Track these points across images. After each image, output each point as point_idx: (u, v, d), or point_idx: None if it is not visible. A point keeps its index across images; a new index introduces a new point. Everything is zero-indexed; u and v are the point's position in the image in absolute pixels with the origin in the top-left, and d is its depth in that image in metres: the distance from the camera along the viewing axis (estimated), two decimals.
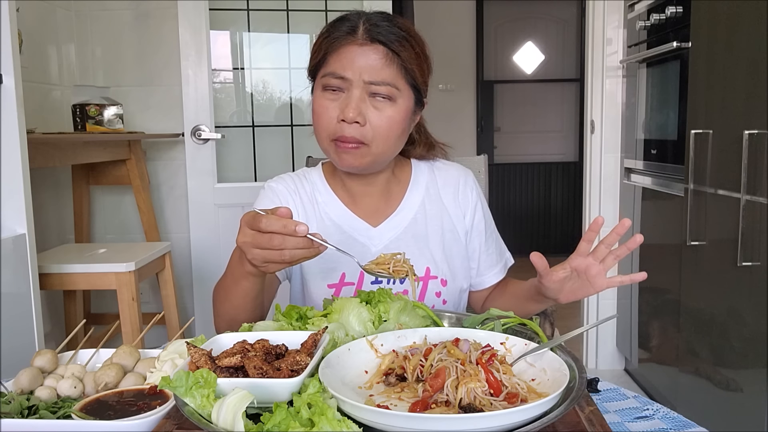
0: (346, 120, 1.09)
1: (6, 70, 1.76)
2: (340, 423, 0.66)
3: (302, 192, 1.26)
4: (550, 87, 5.74)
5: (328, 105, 1.12)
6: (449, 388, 0.74)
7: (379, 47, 1.10)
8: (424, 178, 1.29)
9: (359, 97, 1.09)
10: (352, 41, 1.10)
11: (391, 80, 1.10)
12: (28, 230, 1.84)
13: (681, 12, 2.26)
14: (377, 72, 1.09)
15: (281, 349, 0.82)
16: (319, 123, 1.14)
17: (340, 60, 1.10)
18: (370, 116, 1.10)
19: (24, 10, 2.51)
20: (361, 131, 1.10)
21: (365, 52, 1.09)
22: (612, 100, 2.94)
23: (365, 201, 1.25)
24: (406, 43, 1.11)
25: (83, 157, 2.55)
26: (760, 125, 1.71)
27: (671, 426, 0.89)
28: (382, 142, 1.12)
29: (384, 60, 1.09)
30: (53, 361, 0.97)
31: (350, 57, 1.09)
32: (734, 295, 1.87)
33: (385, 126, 1.11)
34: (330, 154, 1.16)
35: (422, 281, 1.22)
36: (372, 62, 1.09)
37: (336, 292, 1.20)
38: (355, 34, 1.10)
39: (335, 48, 1.11)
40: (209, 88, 2.94)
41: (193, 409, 0.71)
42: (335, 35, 1.11)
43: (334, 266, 1.20)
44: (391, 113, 1.11)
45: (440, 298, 1.22)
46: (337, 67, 1.10)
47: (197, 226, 3.00)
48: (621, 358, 3.02)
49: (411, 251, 1.22)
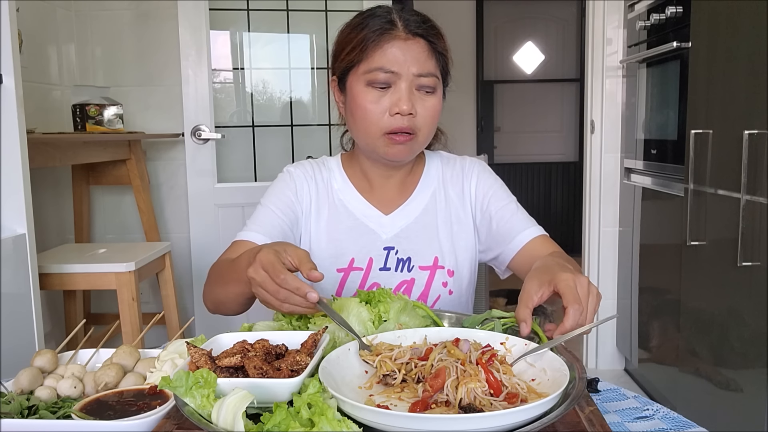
0: (401, 113, 1.12)
1: (6, 70, 1.76)
2: (340, 423, 0.66)
3: (318, 178, 1.28)
4: (550, 87, 5.74)
5: (377, 100, 1.14)
6: (449, 388, 0.74)
7: (421, 40, 1.14)
8: (436, 169, 1.31)
9: (409, 90, 1.13)
10: (395, 35, 1.13)
11: (434, 70, 1.15)
12: (28, 230, 1.84)
13: (681, 12, 2.26)
14: (424, 63, 1.13)
15: (281, 349, 0.82)
16: (368, 118, 1.15)
17: (386, 55, 1.13)
18: (418, 108, 1.14)
19: (24, 10, 2.51)
20: (413, 122, 1.14)
21: (410, 46, 1.13)
22: (612, 100, 2.94)
23: (380, 190, 1.27)
24: (439, 35, 1.17)
25: (83, 157, 2.55)
26: (760, 125, 1.71)
27: (671, 426, 0.89)
28: (427, 131, 1.17)
29: (427, 52, 1.14)
30: (53, 361, 0.97)
31: (397, 52, 1.12)
32: (734, 295, 1.87)
33: (430, 115, 1.16)
34: (378, 148, 1.17)
35: (430, 270, 1.24)
36: (418, 54, 1.13)
37: (344, 277, 1.22)
38: (396, 28, 1.13)
39: (378, 43, 1.13)
40: (209, 88, 2.94)
41: (193, 409, 0.71)
42: (374, 29, 1.13)
43: (344, 251, 1.23)
44: (434, 102, 1.16)
45: (447, 288, 1.24)
46: (384, 62, 1.12)
47: (197, 226, 3.00)
48: (621, 358, 3.02)
49: (420, 240, 1.25)
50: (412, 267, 1.23)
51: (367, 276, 1.22)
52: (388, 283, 1.22)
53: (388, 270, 1.23)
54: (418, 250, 1.24)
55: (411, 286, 1.23)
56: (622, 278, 2.93)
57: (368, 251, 1.23)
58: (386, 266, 1.23)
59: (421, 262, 1.24)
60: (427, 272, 1.23)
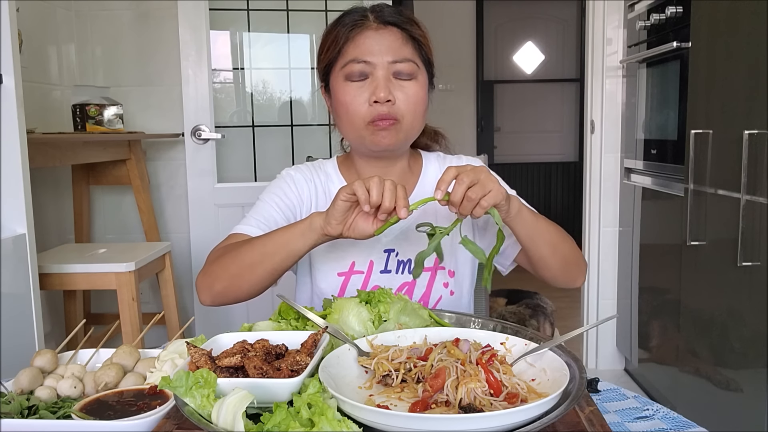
0: (379, 101, 1.12)
1: (6, 70, 1.76)
2: (340, 423, 0.66)
3: (317, 181, 1.28)
4: (550, 87, 5.74)
5: (356, 92, 1.14)
6: (449, 388, 0.74)
7: (393, 28, 1.15)
8: (433, 170, 1.31)
9: (386, 77, 1.13)
10: (366, 27, 1.14)
11: (411, 56, 1.15)
12: (28, 230, 1.84)
13: (681, 12, 2.26)
14: (398, 50, 1.14)
15: (281, 349, 0.82)
16: (350, 111, 1.16)
17: (359, 47, 1.14)
18: (398, 95, 1.14)
19: (24, 10, 2.51)
20: (393, 109, 1.14)
21: (382, 35, 1.14)
22: (612, 100, 2.94)
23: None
24: (414, 23, 1.17)
25: (83, 157, 2.55)
26: (760, 125, 1.71)
27: (671, 426, 0.89)
28: (411, 116, 1.16)
29: (401, 39, 1.14)
30: (53, 361, 0.97)
31: (369, 42, 1.13)
32: (734, 295, 1.87)
33: (412, 101, 1.15)
34: (364, 139, 1.17)
35: (430, 272, 1.24)
36: (391, 42, 1.14)
37: (345, 281, 1.22)
38: (366, 21, 1.14)
39: (351, 37, 1.14)
40: (209, 88, 2.94)
41: (193, 409, 0.71)
42: (346, 25, 1.15)
43: (344, 254, 1.23)
44: (415, 89, 1.15)
45: (448, 288, 1.24)
46: (357, 53, 1.13)
47: (197, 226, 3.00)
48: (621, 358, 3.02)
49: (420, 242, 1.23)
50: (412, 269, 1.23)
51: (368, 279, 1.22)
52: (389, 286, 1.20)
53: (389, 272, 1.23)
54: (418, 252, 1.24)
55: (412, 288, 1.23)
56: (622, 278, 2.93)
57: (368, 254, 1.23)
58: (387, 269, 1.23)
59: None
60: (428, 274, 1.23)
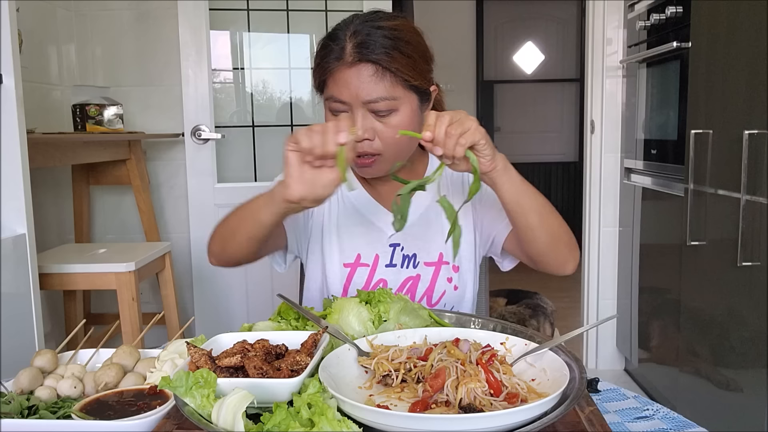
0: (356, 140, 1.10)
1: (6, 70, 1.76)
2: (340, 423, 0.66)
3: None
4: (550, 87, 5.74)
5: None
6: (449, 388, 0.74)
7: (368, 65, 1.10)
8: None
9: (363, 116, 1.12)
10: (341, 64, 1.11)
11: (387, 93, 1.11)
12: (28, 230, 1.84)
13: (681, 12, 2.26)
14: (371, 89, 1.10)
15: (281, 349, 0.82)
16: None
17: (336, 84, 1.12)
18: (378, 129, 1.12)
19: (24, 10, 2.51)
20: (373, 145, 1.13)
21: (356, 73, 1.10)
22: (612, 100, 2.94)
23: (385, 187, 1.29)
24: (394, 51, 1.10)
25: (83, 157, 2.55)
26: (760, 125, 1.71)
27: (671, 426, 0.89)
28: (394, 148, 1.15)
29: (375, 76, 1.10)
30: (53, 361, 0.97)
31: (343, 80, 1.11)
32: (734, 295, 1.87)
33: (392, 135, 1.13)
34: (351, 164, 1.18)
35: (435, 266, 1.25)
36: (364, 81, 1.10)
37: (351, 272, 1.24)
38: (343, 55, 1.11)
39: (330, 71, 1.13)
40: (209, 88, 2.94)
41: (193, 409, 0.71)
42: (327, 59, 1.13)
43: (350, 244, 1.25)
44: (396, 122, 1.12)
45: (452, 283, 1.25)
46: (334, 91, 1.12)
47: (197, 226, 3.00)
48: (621, 358, 3.02)
49: (425, 237, 1.26)
50: (417, 263, 1.25)
51: (373, 272, 1.24)
52: (394, 280, 1.24)
53: (394, 266, 1.24)
54: (423, 247, 1.25)
55: (417, 282, 1.24)
56: (622, 278, 2.93)
57: (374, 248, 1.25)
58: (392, 263, 1.25)
59: (426, 258, 1.25)
60: (432, 268, 1.25)
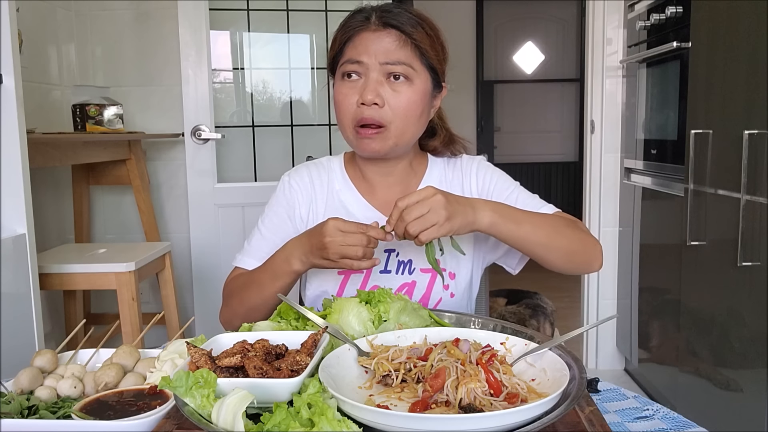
0: (365, 102, 1.12)
1: (6, 70, 1.75)
2: (340, 423, 0.66)
3: (317, 182, 1.28)
4: (550, 87, 5.74)
5: (348, 91, 1.15)
6: (449, 388, 0.74)
7: (393, 31, 1.14)
8: (438, 171, 1.30)
9: (377, 80, 1.13)
10: (366, 28, 1.14)
11: (406, 60, 1.14)
12: (28, 230, 1.84)
13: (681, 12, 2.26)
14: (392, 53, 1.13)
15: (281, 349, 0.82)
16: (340, 109, 1.17)
17: (356, 47, 1.14)
18: (389, 98, 1.13)
19: (24, 10, 2.51)
20: (380, 113, 1.13)
21: (379, 37, 1.13)
22: (612, 100, 2.94)
23: (381, 192, 1.27)
24: (419, 27, 1.15)
25: (83, 157, 2.55)
26: (760, 125, 1.71)
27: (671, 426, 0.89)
28: (401, 122, 1.15)
29: (398, 42, 1.13)
30: (53, 361, 0.97)
31: (365, 43, 1.14)
32: (734, 295, 1.87)
33: (403, 106, 1.14)
34: (352, 143, 1.19)
35: (431, 273, 1.23)
36: (386, 45, 1.13)
37: (344, 279, 1.22)
38: (368, 22, 1.15)
39: (350, 37, 1.15)
40: (209, 88, 2.94)
41: (193, 409, 0.71)
42: (350, 25, 1.16)
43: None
44: (409, 94, 1.14)
45: (448, 291, 1.24)
46: (353, 53, 1.14)
47: (197, 226, 3.00)
48: (621, 358, 3.02)
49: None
50: (413, 270, 1.22)
51: (367, 279, 1.22)
52: (388, 286, 1.20)
53: (389, 273, 1.22)
54: (419, 253, 1.23)
55: (412, 289, 1.22)
56: (622, 278, 2.93)
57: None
58: (387, 269, 1.22)
59: (422, 264, 1.22)
60: (428, 275, 1.22)
